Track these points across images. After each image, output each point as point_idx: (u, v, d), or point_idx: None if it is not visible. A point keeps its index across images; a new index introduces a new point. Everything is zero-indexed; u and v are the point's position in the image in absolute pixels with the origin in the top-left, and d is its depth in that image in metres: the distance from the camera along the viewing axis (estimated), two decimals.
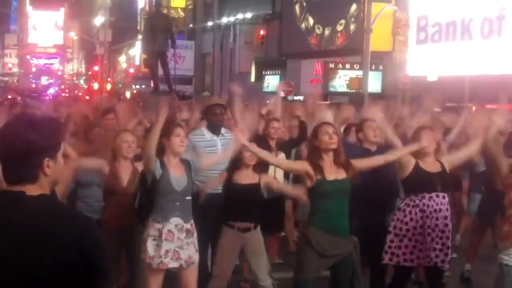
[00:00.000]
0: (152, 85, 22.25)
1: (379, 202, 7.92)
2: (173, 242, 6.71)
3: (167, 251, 6.69)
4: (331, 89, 33.94)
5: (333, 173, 6.66)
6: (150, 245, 6.70)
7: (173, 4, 56.07)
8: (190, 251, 6.82)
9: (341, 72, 33.74)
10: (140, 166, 7.17)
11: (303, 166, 6.73)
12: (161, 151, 6.83)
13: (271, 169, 8.52)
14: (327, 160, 6.70)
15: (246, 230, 7.47)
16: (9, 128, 2.98)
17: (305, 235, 6.78)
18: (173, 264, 6.77)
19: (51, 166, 2.97)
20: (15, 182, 2.94)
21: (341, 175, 6.68)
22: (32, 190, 2.93)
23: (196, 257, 6.92)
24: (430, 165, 7.37)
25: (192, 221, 6.88)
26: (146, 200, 6.95)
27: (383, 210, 7.98)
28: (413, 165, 7.31)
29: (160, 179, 6.76)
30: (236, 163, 7.51)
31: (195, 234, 6.91)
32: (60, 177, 3.09)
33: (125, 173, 7.17)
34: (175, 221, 6.74)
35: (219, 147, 8.40)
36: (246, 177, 7.53)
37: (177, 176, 6.83)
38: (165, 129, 6.85)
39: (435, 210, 7.24)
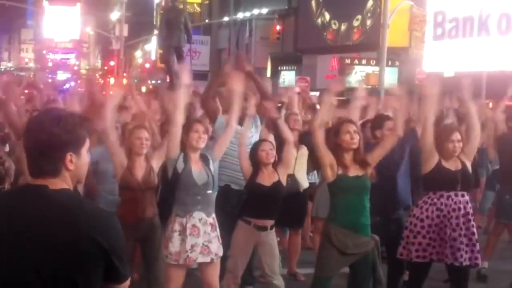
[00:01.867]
0: (168, 80, 22.24)
1: (393, 196, 7.88)
2: (199, 237, 6.74)
3: (193, 246, 6.72)
4: (347, 84, 33.82)
5: (354, 170, 6.67)
6: (175, 241, 6.74)
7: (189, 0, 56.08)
8: (216, 245, 6.85)
9: (357, 68, 33.67)
10: (154, 162, 7.16)
11: (330, 156, 6.70)
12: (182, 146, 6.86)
13: (292, 164, 8.47)
14: (348, 157, 6.69)
15: (262, 229, 7.45)
16: (34, 121, 3.06)
17: (327, 233, 6.76)
18: (203, 259, 6.80)
19: (74, 161, 3.00)
20: (38, 176, 2.98)
21: (361, 171, 6.68)
22: (54, 184, 2.96)
23: (220, 251, 6.96)
24: (451, 162, 7.29)
25: (214, 215, 6.91)
26: (167, 193, 6.96)
27: (400, 205, 7.95)
28: (435, 163, 7.24)
29: (182, 173, 6.80)
30: (255, 165, 7.48)
31: (218, 228, 6.93)
32: (84, 174, 3.12)
33: (140, 169, 7.16)
34: (198, 215, 6.78)
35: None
36: (268, 177, 7.49)
37: (197, 171, 6.86)
38: (185, 125, 6.87)
39: (454, 210, 7.16)
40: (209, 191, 6.94)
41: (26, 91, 10.85)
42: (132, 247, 7.22)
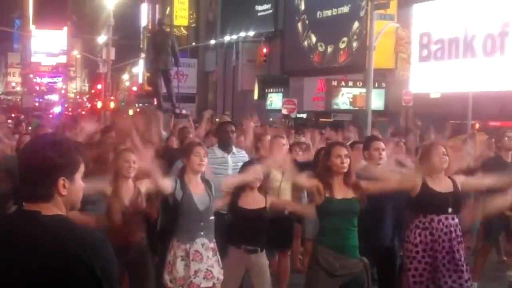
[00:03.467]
0: (155, 103, 22.25)
1: (390, 223, 7.86)
2: (202, 262, 6.74)
3: (196, 271, 6.71)
4: (334, 106, 33.98)
5: (342, 192, 6.64)
6: (179, 266, 6.73)
7: (176, 23, 56.26)
8: (217, 269, 6.86)
9: (344, 90, 33.80)
10: (143, 187, 7.13)
11: (314, 182, 6.72)
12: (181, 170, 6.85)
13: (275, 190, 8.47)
14: (337, 180, 6.68)
15: (252, 252, 7.44)
16: (28, 145, 3.05)
17: (314, 254, 6.74)
18: (206, 284, 6.78)
19: (68, 187, 2.96)
20: (30, 200, 2.94)
21: (350, 194, 6.66)
22: (47, 209, 2.92)
23: (221, 275, 6.94)
24: (440, 183, 7.27)
25: (214, 240, 6.91)
26: (167, 221, 6.93)
27: (394, 230, 7.93)
28: (420, 185, 7.22)
29: (182, 200, 6.78)
30: (240, 187, 7.46)
31: (218, 253, 6.94)
32: (78, 200, 3.08)
33: (127, 193, 7.12)
34: (200, 241, 6.77)
35: (230, 164, 8.38)
36: (252, 200, 7.43)
37: (199, 195, 6.85)
38: (185, 148, 6.88)
39: (445, 233, 7.14)
40: (211, 217, 6.92)
41: (13, 115, 10.85)
42: (121, 272, 7.18)
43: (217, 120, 12.15)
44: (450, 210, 7.15)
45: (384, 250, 7.74)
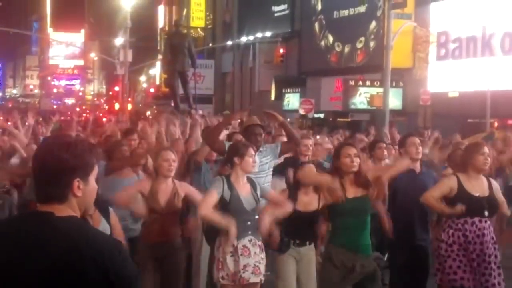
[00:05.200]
0: (172, 104, 22.29)
1: (420, 224, 7.82)
2: (250, 257, 6.78)
3: (245, 266, 6.75)
4: (352, 106, 33.91)
5: (353, 191, 6.64)
6: (230, 262, 6.77)
7: (192, 24, 56.33)
8: (263, 266, 6.90)
9: (361, 90, 33.71)
10: (182, 188, 7.20)
11: (328, 179, 6.70)
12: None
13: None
14: (348, 179, 6.68)
15: (301, 245, 7.44)
16: (43, 147, 3.07)
17: (327, 253, 6.75)
18: (254, 279, 6.82)
19: (82, 188, 2.95)
20: (45, 201, 2.94)
21: (361, 192, 6.65)
22: (60, 210, 2.91)
23: (264, 273, 6.98)
24: (477, 186, 7.20)
25: (261, 239, 6.94)
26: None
27: (419, 230, 7.88)
28: (456, 187, 7.15)
29: (231, 200, 6.80)
30: (295, 188, 7.47)
31: (264, 251, 6.97)
32: (91, 202, 3.07)
33: (165, 192, 7.17)
34: (248, 237, 6.81)
35: (257, 163, 8.42)
36: (306, 202, 7.39)
37: (245, 195, 6.87)
38: (237, 148, 6.90)
39: (478, 236, 7.09)
40: (257, 217, 6.94)
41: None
42: (152, 266, 7.25)
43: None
44: (486, 213, 7.11)
45: (416, 251, 7.71)
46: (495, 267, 7.10)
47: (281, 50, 43.88)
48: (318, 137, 12.74)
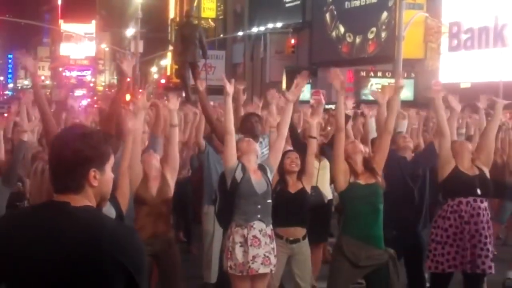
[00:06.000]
0: (183, 95, 22.29)
1: (412, 210, 7.81)
2: (260, 248, 6.76)
3: (254, 257, 6.74)
4: (363, 97, 33.76)
5: (365, 178, 6.65)
6: (238, 252, 6.78)
7: (203, 15, 56.24)
8: (273, 256, 6.88)
9: (372, 80, 33.62)
10: (168, 174, 7.14)
11: (345, 163, 6.72)
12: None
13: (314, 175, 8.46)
14: (359, 164, 6.69)
15: (294, 241, 7.44)
16: (58, 137, 3.07)
17: (339, 245, 6.74)
18: (264, 270, 6.81)
19: (98, 178, 2.98)
20: (61, 191, 2.96)
21: (372, 180, 6.66)
22: (77, 200, 2.93)
23: (275, 263, 6.95)
24: (469, 169, 7.29)
25: (271, 226, 6.91)
26: (226, 203, 6.97)
27: (417, 217, 7.88)
28: (452, 168, 7.24)
29: (241, 182, 6.82)
30: (281, 174, 7.49)
31: (274, 241, 6.94)
32: (108, 191, 3.09)
33: (155, 182, 7.14)
34: (258, 226, 6.80)
35: (259, 154, 8.41)
36: (292, 185, 7.54)
37: (256, 178, 6.89)
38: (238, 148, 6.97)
39: (472, 215, 7.15)
40: (269, 200, 6.95)
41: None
42: (149, 263, 7.19)
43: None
44: (478, 191, 7.16)
45: (409, 237, 7.69)
46: (489, 250, 7.14)
47: (292, 41, 43.73)
48: None
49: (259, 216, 6.82)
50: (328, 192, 9.37)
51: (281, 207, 7.30)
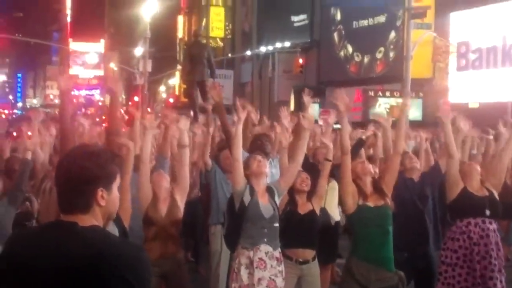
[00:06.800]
0: (192, 114, 22.29)
1: (422, 231, 7.77)
2: (266, 270, 6.74)
3: (259, 279, 6.73)
4: (371, 117, 33.73)
5: (374, 200, 6.61)
6: (244, 274, 6.76)
7: (212, 34, 56.37)
8: (280, 279, 6.84)
9: (381, 100, 33.54)
10: (178, 196, 7.12)
11: (353, 185, 6.68)
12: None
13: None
14: (368, 186, 6.65)
15: (304, 263, 7.40)
16: (66, 156, 3.07)
17: (348, 267, 6.69)
18: None
19: (105, 197, 2.98)
20: (68, 211, 2.96)
21: (381, 202, 6.62)
22: (84, 220, 2.93)
23: (283, 286, 6.90)
24: (477, 189, 7.24)
25: (279, 249, 6.86)
26: (234, 226, 6.96)
27: (427, 239, 7.83)
28: (461, 188, 7.18)
29: (249, 206, 6.80)
30: (290, 193, 7.46)
31: (283, 263, 6.89)
32: (115, 210, 3.09)
33: (164, 203, 7.13)
34: (264, 248, 6.78)
35: (269, 174, 8.39)
36: (302, 206, 7.51)
37: (264, 202, 6.87)
38: (244, 163, 6.91)
39: (481, 237, 7.08)
40: (276, 224, 6.92)
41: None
42: (157, 284, 7.16)
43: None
44: (487, 212, 7.11)
45: (419, 259, 7.64)
46: (498, 273, 7.07)
47: (300, 60, 43.76)
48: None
49: (265, 239, 6.80)
50: (335, 214, 9.34)
51: (291, 229, 7.26)
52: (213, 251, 9.02)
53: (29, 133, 8.47)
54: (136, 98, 64.79)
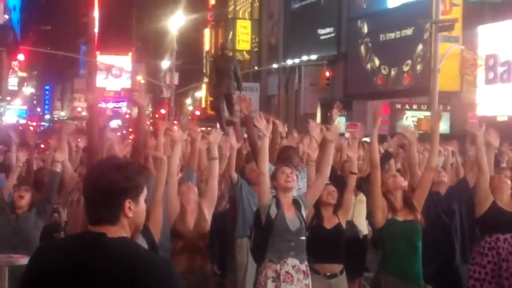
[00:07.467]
0: (218, 127, 22.30)
1: (449, 246, 7.69)
2: (293, 284, 6.69)
3: None
4: (398, 130, 33.57)
5: (404, 214, 6.54)
6: (270, 287, 6.70)
7: (238, 47, 56.59)
8: None
9: (408, 113, 33.40)
10: (205, 209, 7.10)
11: (383, 199, 6.61)
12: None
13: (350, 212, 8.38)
14: (398, 200, 6.58)
15: (332, 277, 7.34)
16: (94, 168, 3.09)
17: (376, 281, 6.63)
18: None
19: (133, 209, 2.99)
20: (96, 223, 2.97)
21: (410, 216, 6.55)
22: (112, 232, 2.95)
23: None
24: (507, 204, 7.13)
25: (306, 262, 6.81)
26: (260, 239, 6.93)
27: (454, 253, 7.76)
28: (490, 203, 7.08)
29: (276, 219, 6.75)
30: (316, 207, 7.41)
31: (310, 276, 6.84)
32: (142, 222, 3.10)
33: (192, 215, 7.10)
34: (291, 262, 6.72)
35: (296, 187, 8.37)
36: (328, 220, 7.45)
37: (290, 216, 6.82)
38: (271, 174, 6.87)
39: (510, 253, 6.99)
40: (302, 237, 6.86)
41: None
42: None
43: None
44: None
45: (448, 273, 7.57)
46: None
47: (327, 73, 43.74)
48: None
49: (292, 253, 6.75)
50: (363, 227, 9.27)
51: (317, 243, 7.21)
52: (239, 264, 8.98)
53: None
54: (162, 111, 65.10)
